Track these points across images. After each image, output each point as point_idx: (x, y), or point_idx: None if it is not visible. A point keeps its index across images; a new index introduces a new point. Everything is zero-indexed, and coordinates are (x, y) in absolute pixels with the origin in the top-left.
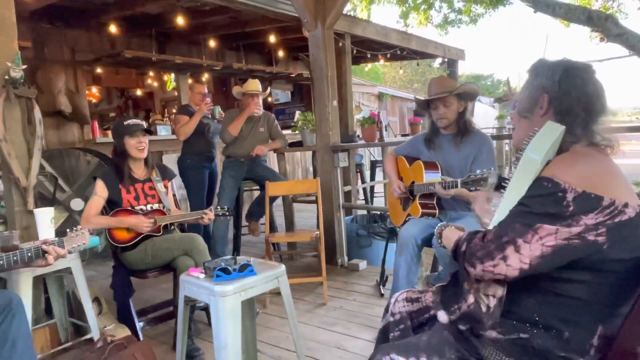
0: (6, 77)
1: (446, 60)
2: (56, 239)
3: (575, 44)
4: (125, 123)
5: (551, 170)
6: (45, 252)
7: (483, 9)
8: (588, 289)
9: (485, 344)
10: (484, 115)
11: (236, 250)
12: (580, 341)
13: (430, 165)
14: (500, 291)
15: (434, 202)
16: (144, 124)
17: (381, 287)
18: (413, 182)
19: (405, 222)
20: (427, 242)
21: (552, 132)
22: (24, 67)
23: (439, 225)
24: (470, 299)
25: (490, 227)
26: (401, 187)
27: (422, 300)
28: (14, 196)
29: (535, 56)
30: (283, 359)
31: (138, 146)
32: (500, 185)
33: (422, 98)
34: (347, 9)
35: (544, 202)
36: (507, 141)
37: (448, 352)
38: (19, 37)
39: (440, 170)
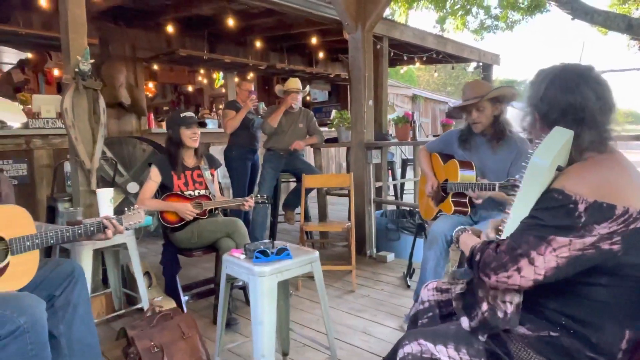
0: (76, 69)
1: (481, 64)
2: (115, 216)
3: (613, 51)
4: (182, 115)
5: (561, 181)
6: (105, 227)
7: (520, 15)
8: (608, 292)
9: (513, 339)
10: (517, 120)
11: (273, 236)
12: (608, 345)
13: (466, 165)
14: (517, 298)
15: (467, 200)
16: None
17: (408, 279)
18: (446, 180)
19: (436, 217)
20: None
21: (559, 136)
22: (92, 61)
23: (456, 229)
24: (484, 306)
25: (502, 236)
26: (434, 186)
27: (451, 291)
28: (79, 177)
29: (572, 62)
30: (313, 339)
31: (192, 136)
32: None
33: (455, 104)
34: (386, 13)
35: (556, 214)
36: None
37: (476, 343)
38: (88, 35)
39: (474, 171)
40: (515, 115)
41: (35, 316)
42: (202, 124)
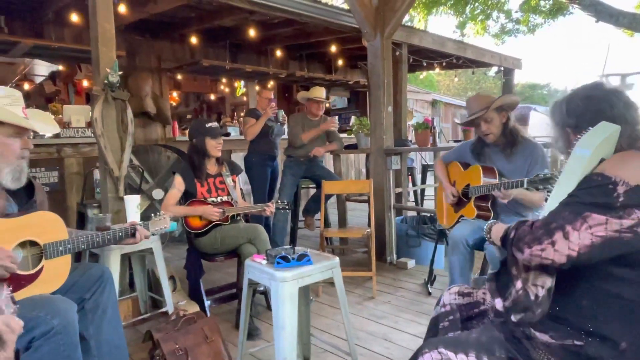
0: (105, 81)
1: (502, 69)
2: (142, 222)
3: (639, 54)
4: (208, 125)
5: (602, 167)
6: (133, 232)
7: (542, 18)
8: (636, 290)
9: (536, 347)
10: (540, 124)
11: (293, 242)
12: (637, 352)
13: (488, 170)
14: (549, 282)
15: (489, 204)
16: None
17: (429, 285)
18: (468, 185)
19: (456, 223)
20: (478, 244)
21: (603, 129)
22: (120, 73)
23: (488, 223)
24: (519, 284)
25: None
26: (454, 193)
27: (473, 295)
28: (108, 184)
29: (595, 65)
30: (333, 344)
31: (217, 147)
32: None
33: (462, 120)
34: (405, 19)
35: (593, 192)
36: None
37: (498, 351)
38: (116, 48)
39: (497, 176)
40: (547, 133)
41: (67, 318)
42: (227, 134)
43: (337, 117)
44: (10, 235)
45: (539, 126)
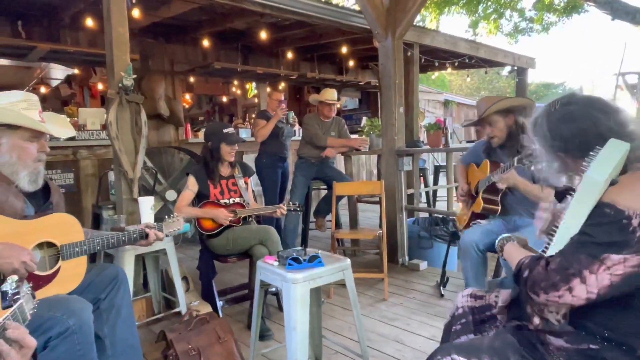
0: (120, 85)
1: (515, 68)
2: (156, 223)
3: None
4: (225, 131)
5: (612, 195)
6: (147, 233)
7: (556, 17)
8: None
9: (551, 351)
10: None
11: (304, 243)
12: None
13: (495, 165)
14: (565, 309)
15: (498, 198)
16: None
17: (441, 288)
18: (479, 180)
19: (468, 225)
20: (490, 247)
21: (615, 150)
22: (134, 76)
23: (500, 238)
24: (536, 320)
25: (549, 251)
26: (464, 189)
27: (485, 298)
28: (122, 186)
29: (611, 64)
30: (345, 346)
31: (231, 152)
32: (565, 195)
33: (466, 123)
34: (417, 19)
35: (609, 230)
36: None
37: (512, 356)
38: (129, 51)
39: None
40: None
41: (83, 318)
42: (243, 141)
43: (345, 117)
44: (28, 236)
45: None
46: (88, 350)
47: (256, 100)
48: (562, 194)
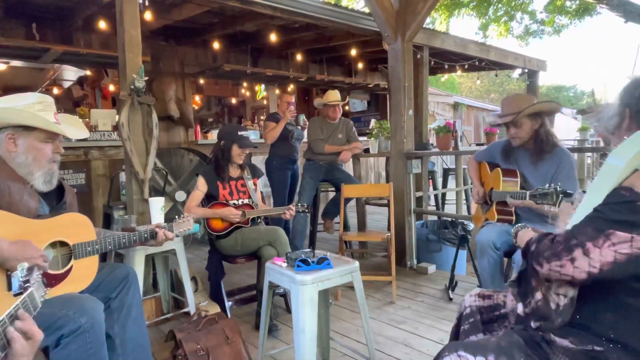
0: (132, 86)
1: (526, 71)
2: (166, 224)
3: None
4: (239, 133)
5: (631, 180)
6: (157, 233)
7: (568, 19)
8: None
9: (556, 351)
10: (566, 127)
11: (312, 245)
12: None
13: (509, 173)
14: (572, 292)
15: (512, 210)
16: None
17: (450, 291)
18: (492, 189)
19: (483, 226)
20: (507, 249)
21: (638, 140)
22: (146, 78)
23: (516, 225)
24: (538, 295)
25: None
26: (480, 193)
27: (493, 298)
28: (133, 186)
29: (624, 66)
30: (353, 348)
31: (241, 155)
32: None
33: (492, 118)
34: (426, 22)
35: (620, 209)
36: (588, 154)
37: (517, 355)
38: (141, 53)
39: (518, 179)
40: (601, 114)
41: (94, 317)
42: (254, 146)
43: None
44: (42, 235)
45: (565, 129)
46: (99, 348)
47: (265, 102)
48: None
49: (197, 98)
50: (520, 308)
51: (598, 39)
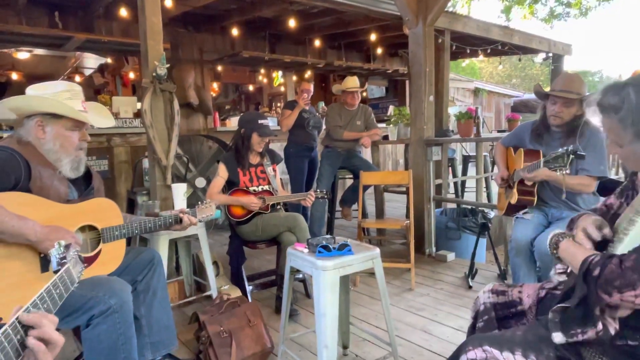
0: (154, 74)
1: (551, 55)
2: (189, 209)
3: None
4: (260, 122)
5: None
6: (181, 219)
7: (596, 0)
8: None
9: (587, 345)
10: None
11: (330, 232)
12: None
13: (531, 153)
14: (625, 313)
15: (534, 189)
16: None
17: (469, 279)
18: (515, 170)
19: (507, 213)
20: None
21: None
22: (167, 65)
23: (552, 234)
24: (600, 326)
25: (619, 249)
26: (504, 176)
27: (508, 293)
28: (156, 173)
29: None
30: (372, 333)
31: (261, 143)
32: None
33: (544, 90)
34: (448, 5)
35: None
36: None
37: (546, 350)
38: None
39: (541, 157)
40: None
41: (123, 298)
42: (274, 135)
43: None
44: (72, 220)
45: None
46: (127, 328)
47: (282, 89)
48: (601, 246)
49: (215, 85)
50: (559, 338)
51: (628, 21)
